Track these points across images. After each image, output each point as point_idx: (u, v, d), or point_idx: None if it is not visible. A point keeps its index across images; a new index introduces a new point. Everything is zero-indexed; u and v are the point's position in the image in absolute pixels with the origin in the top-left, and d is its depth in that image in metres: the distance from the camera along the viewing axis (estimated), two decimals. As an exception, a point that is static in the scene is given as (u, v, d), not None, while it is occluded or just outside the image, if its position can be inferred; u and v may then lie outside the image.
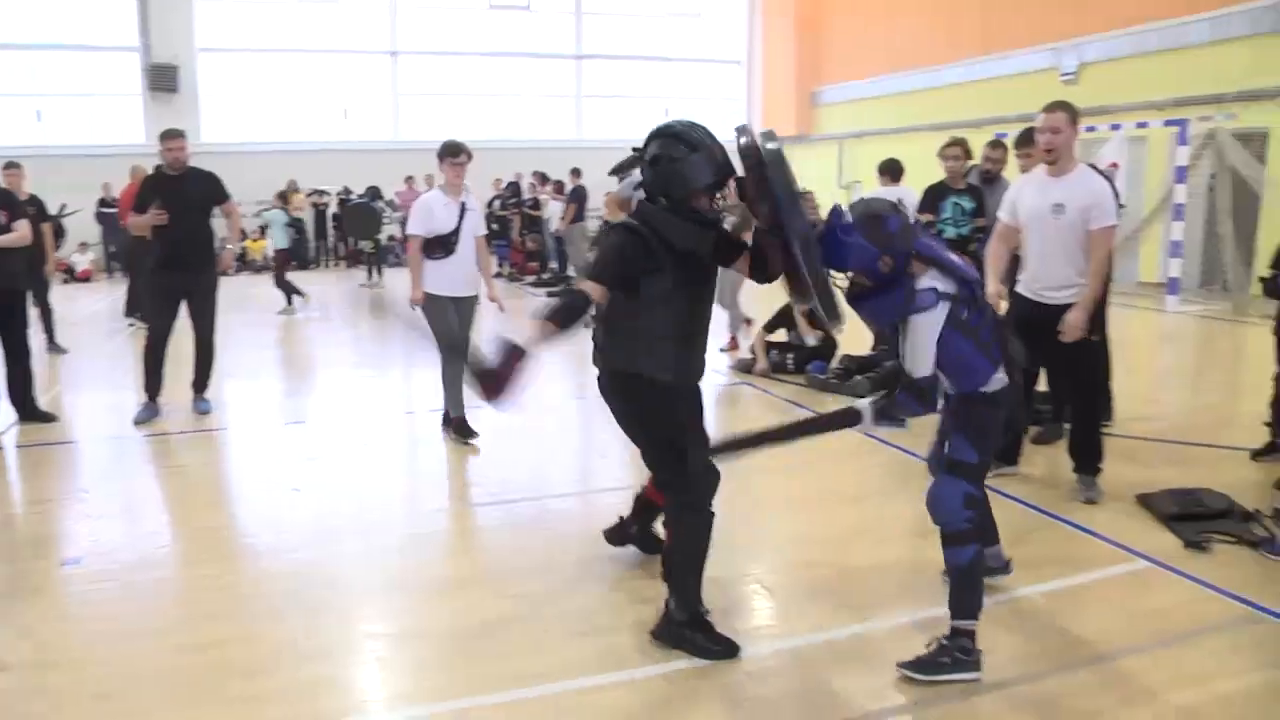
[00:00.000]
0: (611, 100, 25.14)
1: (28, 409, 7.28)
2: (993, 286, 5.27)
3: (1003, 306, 5.30)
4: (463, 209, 6.43)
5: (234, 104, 22.30)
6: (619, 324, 3.58)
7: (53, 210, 11.07)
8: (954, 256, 3.49)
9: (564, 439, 7.10)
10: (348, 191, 20.28)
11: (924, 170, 9.03)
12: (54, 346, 10.26)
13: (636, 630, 3.83)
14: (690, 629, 3.64)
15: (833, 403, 7.51)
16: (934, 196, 7.07)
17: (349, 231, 19.40)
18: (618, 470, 6.23)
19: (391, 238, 20.03)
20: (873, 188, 9.98)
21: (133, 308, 11.97)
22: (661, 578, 3.74)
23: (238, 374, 9.11)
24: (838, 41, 23.66)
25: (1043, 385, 6.13)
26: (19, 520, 5.56)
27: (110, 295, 15.66)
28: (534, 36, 24.53)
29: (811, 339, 8.51)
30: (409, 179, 19.63)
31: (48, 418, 7.32)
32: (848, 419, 3.66)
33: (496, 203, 18.48)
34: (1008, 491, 5.39)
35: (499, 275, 17.68)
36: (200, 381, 7.61)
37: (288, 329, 12.57)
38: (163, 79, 21.20)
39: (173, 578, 4.58)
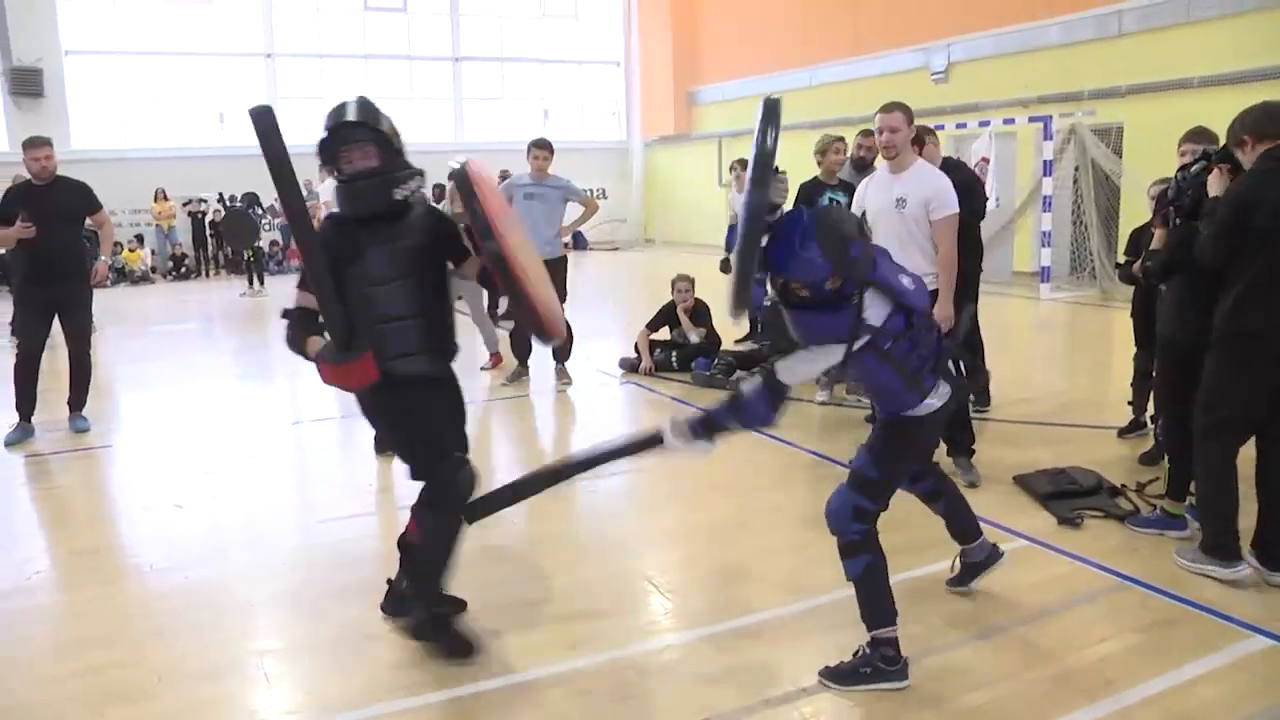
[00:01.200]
0: (491, 102, 25.01)
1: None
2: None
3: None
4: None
5: (105, 109, 21.43)
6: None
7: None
8: (907, 283, 3.35)
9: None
10: (231, 199, 19.70)
11: (799, 167, 9.27)
12: None
13: (520, 631, 3.85)
14: (432, 627, 3.64)
15: (715, 398, 7.61)
16: (809, 192, 7.21)
17: (228, 239, 18.88)
18: (502, 475, 6.20)
19: (274, 243, 19.57)
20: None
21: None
22: (406, 576, 3.78)
23: (118, 389, 8.80)
24: (713, 42, 24.00)
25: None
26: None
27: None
28: (412, 39, 24.28)
29: (694, 336, 8.62)
30: (306, 182, 19.16)
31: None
32: (649, 443, 3.51)
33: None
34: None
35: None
36: (76, 398, 7.31)
37: (169, 341, 12.15)
38: (26, 83, 20.20)
39: (48, 604, 4.39)
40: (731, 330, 9.26)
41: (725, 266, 9.72)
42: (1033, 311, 12.80)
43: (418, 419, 3.57)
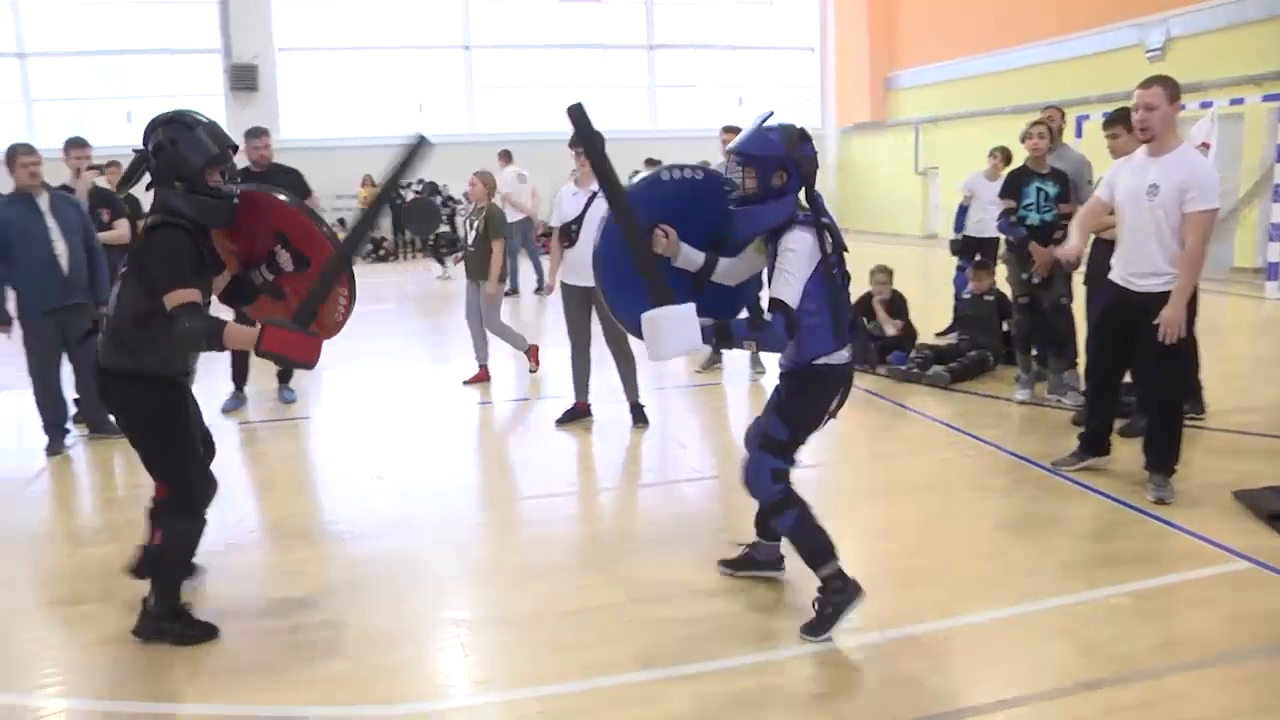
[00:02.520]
0: (685, 90, 25.05)
1: None
2: (1075, 239, 5.26)
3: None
4: (591, 198, 6.41)
5: (312, 101, 22.73)
6: (131, 325, 3.55)
7: (146, 209, 11.35)
8: (834, 221, 3.57)
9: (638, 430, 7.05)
10: (429, 187, 20.48)
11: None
12: None
13: (711, 622, 3.80)
14: (168, 620, 3.74)
15: (911, 393, 7.40)
16: (1016, 181, 6.88)
17: (409, 226, 19.60)
18: (695, 461, 6.22)
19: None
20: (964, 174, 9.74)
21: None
22: (141, 575, 3.82)
23: (322, 364, 9.21)
24: (912, 25, 23.24)
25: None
26: (119, 503, 5.76)
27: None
28: (606, 28, 24.57)
29: (891, 328, 8.37)
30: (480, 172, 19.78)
31: None
32: (664, 297, 3.42)
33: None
34: (1093, 485, 5.25)
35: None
36: (285, 371, 7.78)
37: (370, 320, 12.74)
38: (243, 78, 21.75)
39: (260, 562, 4.67)
40: (930, 323, 8.99)
41: (955, 247, 9.45)
42: (1255, 311, 11.84)
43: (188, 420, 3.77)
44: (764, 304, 3.56)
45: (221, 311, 3.83)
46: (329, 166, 18.76)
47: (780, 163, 3.45)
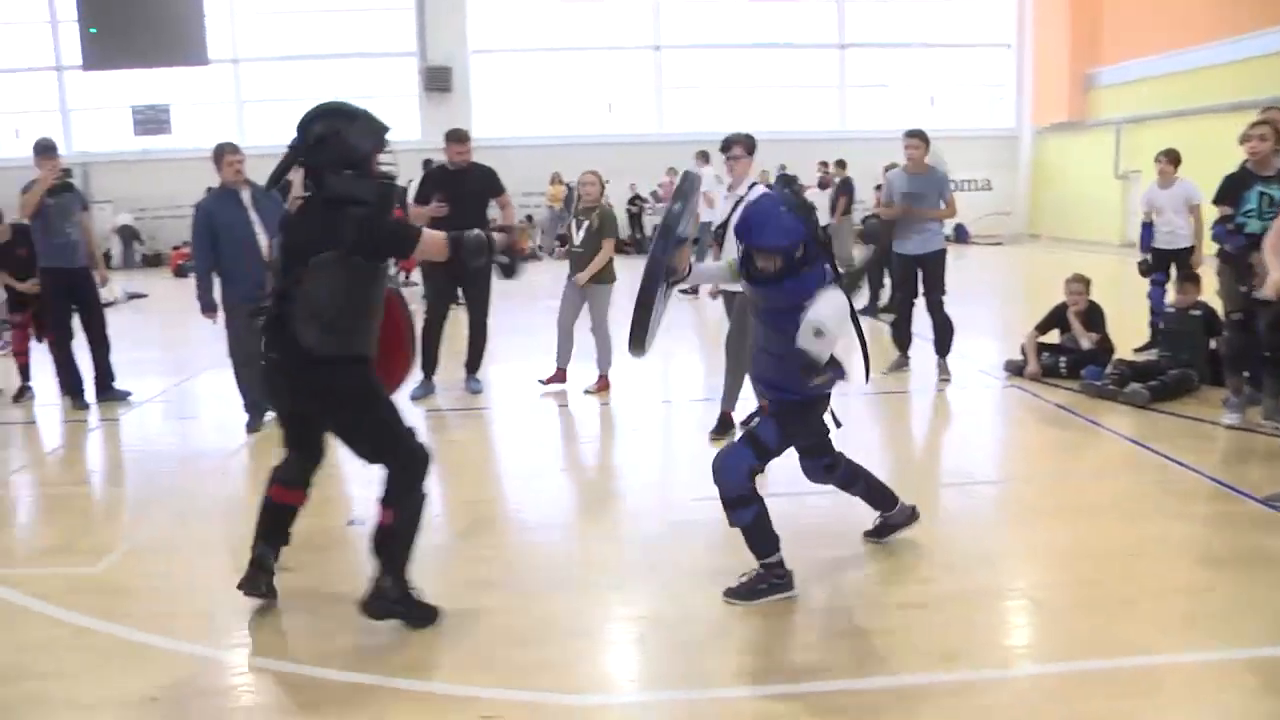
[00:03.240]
0: (875, 90, 24.57)
1: None
2: (1276, 271, 4.93)
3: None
4: (737, 202, 6.42)
5: (503, 101, 23.45)
6: (339, 310, 3.62)
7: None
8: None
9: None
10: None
11: (1216, 158, 8.31)
12: None
13: (892, 636, 3.74)
14: (402, 602, 3.78)
15: (1107, 411, 7.05)
16: (1234, 185, 6.43)
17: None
18: (874, 468, 6.10)
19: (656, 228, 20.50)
20: (1151, 178, 9.24)
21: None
22: (374, 554, 3.78)
23: (505, 356, 9.54)
24: (1117, 17, 21.82)
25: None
26: (313, 482, 6.07)
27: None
28: (796, 27, 24.34)
29: (1086, 341, 8.00)
30: (671, 171, 19.97)
31: None
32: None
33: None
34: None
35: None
36: (473, 362, 8.07)
37: (553, 315, 13.04)
38: (437, 80, 22.66)
39: (445, 546, 4.85)
40: (1127, 337, 8.56)
41: (1144, 268, 8.98)
42: None
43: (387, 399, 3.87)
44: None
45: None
46: (519, 165, 19.34)
47: (800, 241, 3.73)
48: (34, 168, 7.64)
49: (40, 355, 8.33)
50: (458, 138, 7.69)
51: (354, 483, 5.91)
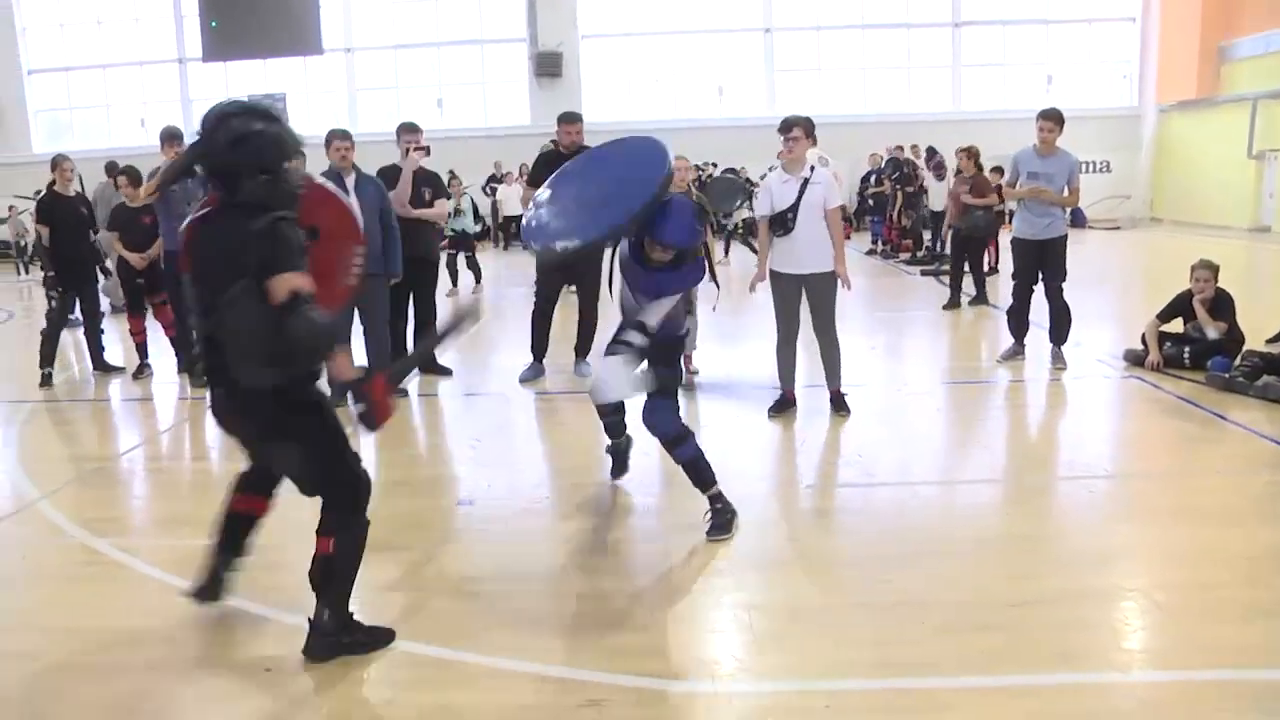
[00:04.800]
0: (991, 69, 23.87)
1: (429, 362, 8.14)
2: None
3: None
4: (804, 185, 6.34)
5: (613, 85, 23.49)
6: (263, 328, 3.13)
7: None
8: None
9: (933, 424, 6.83)
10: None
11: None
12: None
13: (1009, 633, 3.61)
14: (346, 634, 3.51)
15: (1235, 404, 6.71)
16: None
17: (714, 201, 19.76)
18: (987, 459, 5.96)
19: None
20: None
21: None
22: (313, 587, 3.48)
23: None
24: (1256, -18, 20.67)
25: None
26: (422, 461, 6.26)
27: (496, 263, 17.03)
28: (909, 6, 23.82)
29: (1213, 331, 7.62)
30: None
31: (444, 371, 8.13)
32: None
33: (873, 177, 18.14)
34: None
35: (871, 252, 17.41)
36: (583, 346, 8.13)
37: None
38: (548, 65, 22.83)
39: (552, 528, 4.88)
40: (1259, 327, 8.15)
41: None
42: None
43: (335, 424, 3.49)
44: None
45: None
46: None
47: (695, 246, 4.41)
48: (161, 154, 7.97)
49: (155, 334, 8.73)
50: (570, 119, 7.76)
51: (462, 462, 6.02)
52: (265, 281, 3.09)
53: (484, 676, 3.43)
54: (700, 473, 4.55)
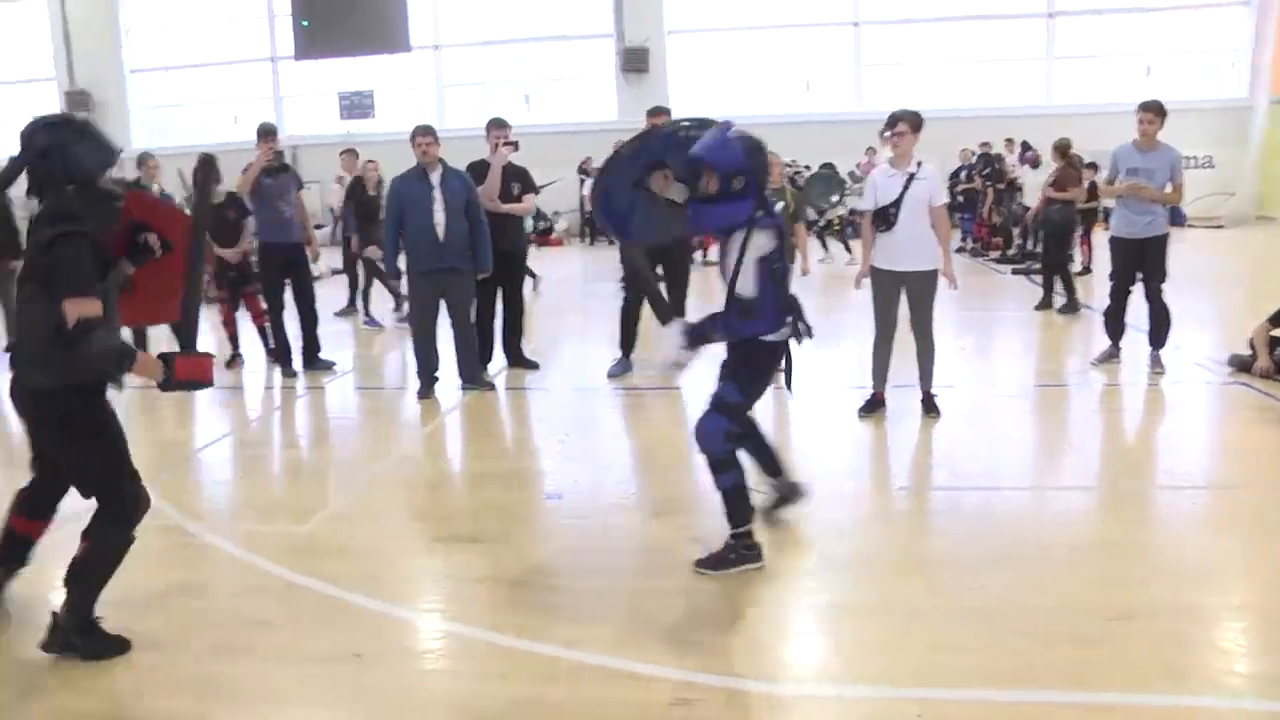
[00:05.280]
0: (1086, 61, 23.11)
1: (517, 356, 8.22)
2: None
3: None
4: (909, 180, 6.22)
5: (700, 81, 23.39)
6: (51, 340, 3.24)
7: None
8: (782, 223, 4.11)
9: (1023, 428, 6.66)
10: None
11: None
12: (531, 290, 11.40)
13: (1110, 648, 3.47)
14: (78, 635, 3.53)
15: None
16: None
17: (812, 196, 19.51)
18: (1080, 464, 5.78)
19: (853, 212, 20.12)
20: None
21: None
22: (64, 583, 3.51)
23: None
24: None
25: None
26: (510, 454, 6.32)
27: (583, 258, 17.07)
28: (1002, -2, 23.15)
29: (1326, 335, 7.28)
30: (870, 151, 19.45)
31: (532, 365, 8.18)
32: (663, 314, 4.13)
33: (963, 173, 17.74)
34: None
35: (960, 250, 17.04)
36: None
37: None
38: (634, 61, 22.85)
39: (639, 524, 4.87)
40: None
41: None
42: None
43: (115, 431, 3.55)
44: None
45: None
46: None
47: (741, 171, 3.85)
48: (256, 149, 8.18)
49: (245, 324, 8.93)
50: (658, 113, 7.74)
51: (550, 456, 6.04)
52: (54, 299, 3.21)
53: (572, 671, 3.42)
54: (736, 506, 4.11)
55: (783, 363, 4.30)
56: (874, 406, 6.56)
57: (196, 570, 4.45)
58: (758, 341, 4.06)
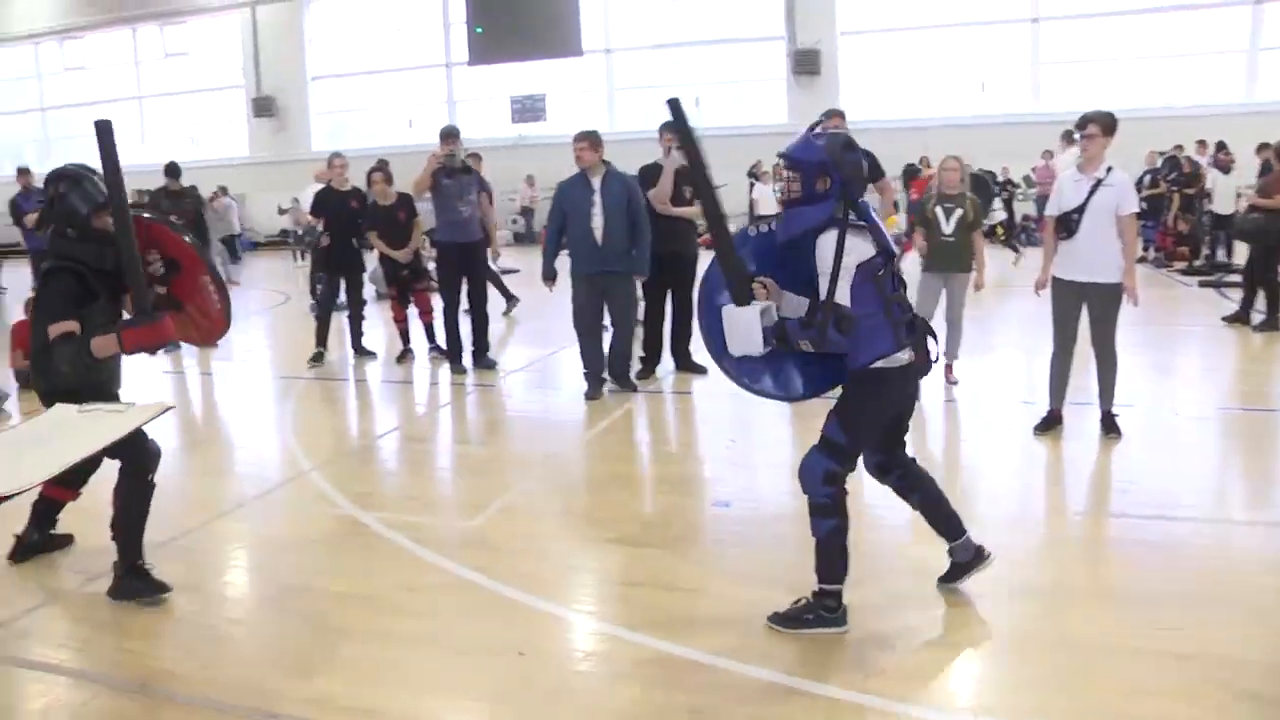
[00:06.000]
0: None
1: (685, 360, 8.25)
2: None
3: None
4: (1095, 186, 5.86)
5: (872, 82, 22.94)
6: (41, 351, 3.99)
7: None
8: (880, 225, 3.65)
9: (1211, 455, 6.17)
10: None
11: None
12: None
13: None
14: (130, 578, 4.05)
15: None
16: None
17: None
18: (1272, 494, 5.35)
19: (1025, 216, 19.43)
20: None
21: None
22: (112, 539, 4.05)
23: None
24: None
25: None
26: (677, 459, 6.31)
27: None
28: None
29: None
30: (1047, 154, 18.67)
31: (700, 369, 8.17)
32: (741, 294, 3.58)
33: (1148, 178, 16.67)
34: None
35: (1142, 260, 16.13)
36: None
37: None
38: (806, 63, 22.62)
39: (808, 537, 4.61)
40: None
41: None
42: None
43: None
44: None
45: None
46: (887, 148, 18.91)
47: (823, 168, 3.54)
48: (439, 148, 8.47)
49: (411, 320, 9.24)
50: (833, 116, 7.68)
51: (717, 462, 5.97)
52: (41, 321, 3.98)
53: (734, 683, 3.35)
54: (829, 560, 3.67)
55: (911, 390, 3.80)
56: (1050, 424, 6.23)
57: (365, 559, 4.58)
58: (871, 370, 3.58)
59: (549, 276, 7.69)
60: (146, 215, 4.68)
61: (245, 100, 27.60)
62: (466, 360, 8.73)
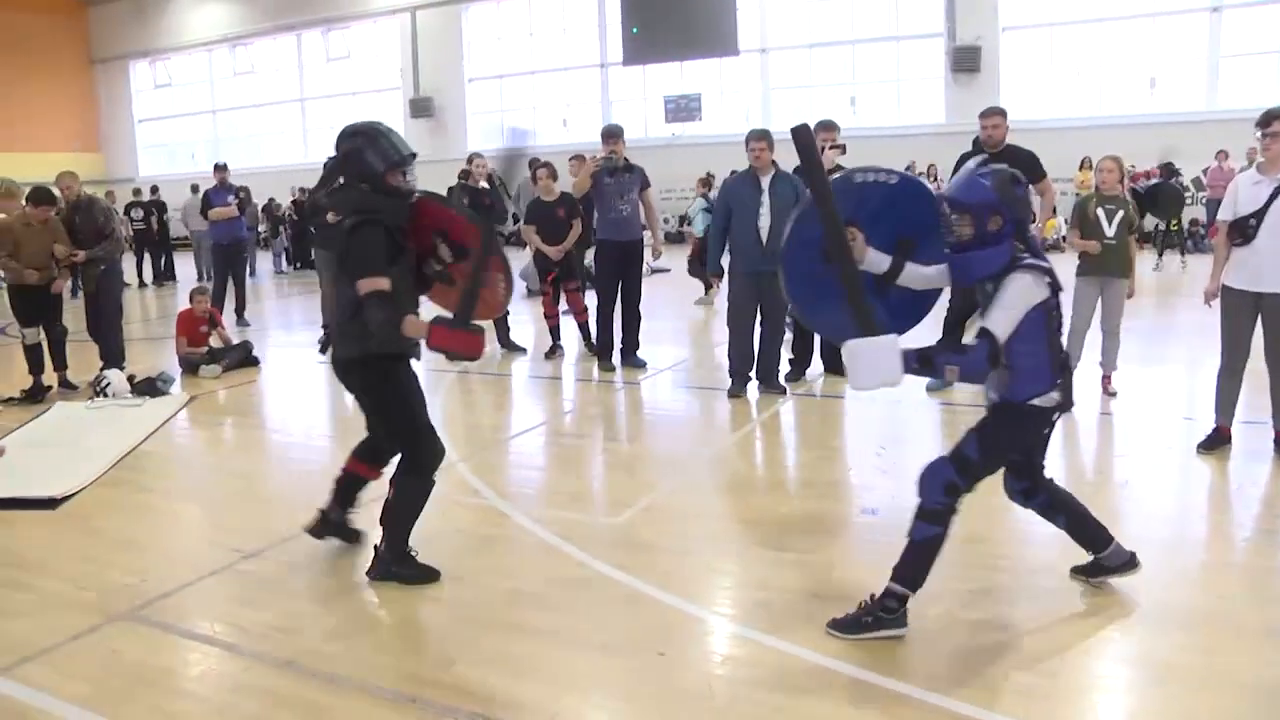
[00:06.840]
0: None
1: (835, 362, 7.95)
2: None
3: None
4: (1277, 189, 5.42)
5: (1034, 80, 22.05)
6: (351, 317, 3.97)
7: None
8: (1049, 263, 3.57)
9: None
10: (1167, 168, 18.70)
11: None
12: None
13: None
14: (397, 565, 4.19)
15: None
16: None
17: (1150, 211, 17.94)
18: None
19: (1194, 221, 18.37)
20: None
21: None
22: (380, 523, 4.22)
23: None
24: None
25: None
26: (826, 464, 6.18)
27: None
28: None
29: None
30: (1221, 154, 17.57)
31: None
32: (869, 327, 3.50)
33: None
34: None
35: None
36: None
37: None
38: (965, 60, 21.93)
39: (956, 549, 4.45)
40: None
41: None
42: None
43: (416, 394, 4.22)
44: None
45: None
46: (1050, 147, 18.22)
47: (994, 209, 3.50)
48: (600, 148, 8.79)
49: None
50: (987, 113, 7.39)
51: (867, 469, 5.82)
52: (350, 278, 3.89)
53: (876, 697, 3.26)
54: (915, 563, 3.63)
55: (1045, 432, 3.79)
56: (1217, 442, 5.82)
57: (509, 551, 4.66)
58: (1026, 405, 3.61)
59: (713, 272, 7.79)
60: (435, 200, 4.56)
61: (403, 101, 28.57)
62: (615, 358, 8.77)
